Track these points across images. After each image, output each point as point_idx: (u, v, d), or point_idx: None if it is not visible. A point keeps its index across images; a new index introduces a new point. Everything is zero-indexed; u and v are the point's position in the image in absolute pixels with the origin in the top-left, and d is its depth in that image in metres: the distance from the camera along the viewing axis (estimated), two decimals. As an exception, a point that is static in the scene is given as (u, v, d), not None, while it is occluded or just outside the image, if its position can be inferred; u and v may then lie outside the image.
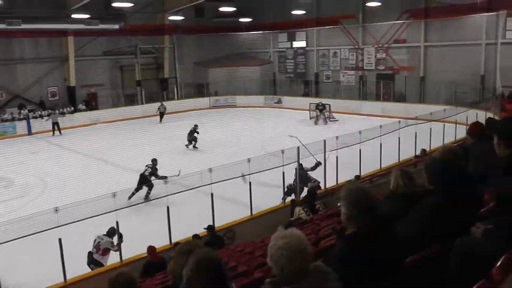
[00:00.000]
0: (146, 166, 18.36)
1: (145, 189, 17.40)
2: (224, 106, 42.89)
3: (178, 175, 15.81)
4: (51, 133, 32.13)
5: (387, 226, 3.32)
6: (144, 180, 17.63)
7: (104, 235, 11.95)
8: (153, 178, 17.65)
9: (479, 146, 5.28)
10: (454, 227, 3.48)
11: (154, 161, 18.46)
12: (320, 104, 34.13)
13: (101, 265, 11.71)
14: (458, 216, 3.54)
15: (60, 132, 32.49)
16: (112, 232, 11.88)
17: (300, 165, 16.02)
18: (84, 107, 38.38)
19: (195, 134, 26.20)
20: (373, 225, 3.22)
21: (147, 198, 17.18)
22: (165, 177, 15.19)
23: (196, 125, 26.44)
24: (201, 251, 3.00)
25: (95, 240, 11.96)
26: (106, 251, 11.84)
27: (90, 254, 11.89)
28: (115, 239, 11.90)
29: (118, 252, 11.69)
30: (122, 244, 11.82)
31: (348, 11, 40.21)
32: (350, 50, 41.11)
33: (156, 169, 18.16)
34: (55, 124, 32.64)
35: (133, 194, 16.67)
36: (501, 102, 29.09)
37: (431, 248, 3.46)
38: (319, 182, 16.44)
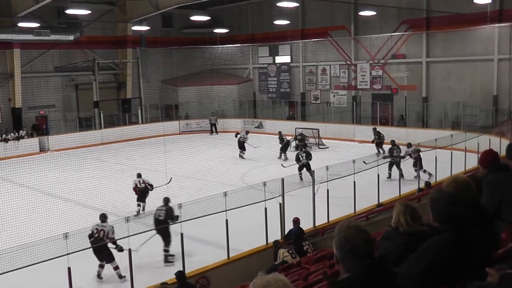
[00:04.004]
0: (158, 209, 16.13)
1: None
2: (196, 131, 42.83)
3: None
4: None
5: (386, 269, 3.28)
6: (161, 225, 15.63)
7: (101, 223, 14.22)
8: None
9: (493, 177, 5.29)
10: (466, 269, 3.46)
11: (167, 200, 16.37)
12: (299, 134, 32.91)
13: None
14: (470, 257, 3.52)
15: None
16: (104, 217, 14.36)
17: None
18: (31, 132, 37.97)
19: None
20: (369, 268, 3.18)
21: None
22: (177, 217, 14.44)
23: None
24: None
25: (96, 229, 14.00)
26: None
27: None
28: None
29: None
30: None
31: (338, 21, 40.72)
32: (341, 67, 41.46)
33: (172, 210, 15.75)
34: None
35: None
36: (518, 126, 29.22)
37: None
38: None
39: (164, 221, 15.35)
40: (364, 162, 18.77)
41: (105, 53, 42.93)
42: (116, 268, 14.06)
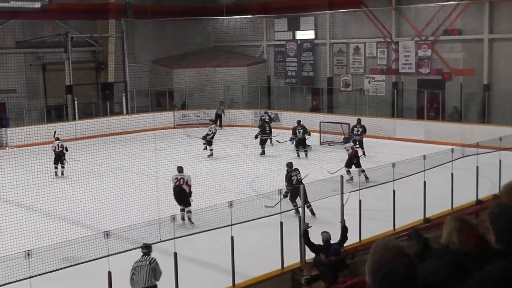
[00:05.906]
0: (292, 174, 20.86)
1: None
2: (195, 125, 42.76)
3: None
4: None
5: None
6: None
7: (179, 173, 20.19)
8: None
9: None
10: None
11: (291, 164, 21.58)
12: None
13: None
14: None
15: None
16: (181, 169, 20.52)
17: None
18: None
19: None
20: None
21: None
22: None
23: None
24: None
25: (176, 179, 20.00)
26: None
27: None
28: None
29: None
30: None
31: (377, -13, 40.66)
32: (378, 45, 41.32)
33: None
34: None
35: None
36: None
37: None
38: None
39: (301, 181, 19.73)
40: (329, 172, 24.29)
41: (81, 25, 42.96)
42: (190, 212, 19.47)
